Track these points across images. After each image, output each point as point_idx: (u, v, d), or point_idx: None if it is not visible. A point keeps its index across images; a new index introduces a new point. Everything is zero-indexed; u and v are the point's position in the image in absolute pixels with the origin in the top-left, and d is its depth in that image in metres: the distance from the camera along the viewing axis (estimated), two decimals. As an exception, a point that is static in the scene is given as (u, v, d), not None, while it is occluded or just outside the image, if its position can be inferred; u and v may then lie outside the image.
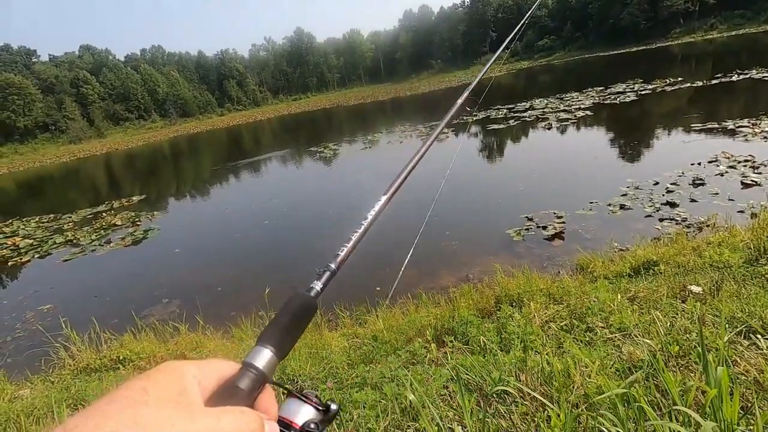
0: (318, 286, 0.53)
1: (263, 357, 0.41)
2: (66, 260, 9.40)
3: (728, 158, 7.74)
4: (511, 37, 1.96)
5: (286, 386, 0.45)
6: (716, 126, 10.20)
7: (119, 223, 11.87)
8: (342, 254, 0.58)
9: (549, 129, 14.06)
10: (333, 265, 0.56)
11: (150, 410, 0.30)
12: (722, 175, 7.09)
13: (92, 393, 3.26)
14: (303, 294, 0.50)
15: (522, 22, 2.13)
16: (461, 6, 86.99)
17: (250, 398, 0.38)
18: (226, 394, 0.37)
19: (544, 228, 6.38)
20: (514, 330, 2.78)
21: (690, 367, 1.99)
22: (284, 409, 0.44)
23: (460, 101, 1.30)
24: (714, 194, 6.39)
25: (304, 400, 0.44)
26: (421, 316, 3.70)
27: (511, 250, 5.99)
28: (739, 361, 1.91)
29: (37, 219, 14.32)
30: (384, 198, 0.69)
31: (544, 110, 17.33)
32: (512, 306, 3.34)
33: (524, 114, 17.43)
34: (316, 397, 0.45)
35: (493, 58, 1.77)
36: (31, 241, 11.38)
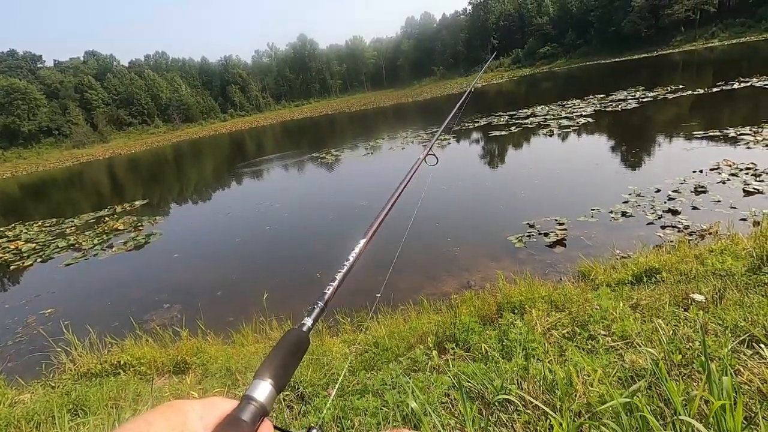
0: (309, 322, 0.56)
1: (263, 390, 0.43)
2: (68, 264, 9.42)
3: (730, 166, 7.73)
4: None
5: (290, 430, 0.47)
6: (718, 134, 10.21)
7: (121, 227, 11.90)
8: (329, 293, 0.63)
9: (550, 136, 14.09)
10: (321, 303, 0.60)
11: None
12: (724, 182, 7.08)
13: (93, 398, 3.25)
14: (296, 330, 0.53)
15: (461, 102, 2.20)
16: (463, 13, 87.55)
17: (251, 429, 0.40)
18: (228, 426, 0.39)
19: (546, 234, 6.37)
20: (515, 337, 2.77)
21: (693, 376, 1.98)
22: None
23: (422, 157, 1.49)
24: (716, 202, 6.38)
25: None
26: (423, 323, 3.70)
27: (512, 257, 5.98)
28: (742, 370, 1.90)
29: (39, 223, 14.37)
30: (363, 241, 0.77)
31: (546, 117, 17.37)
32: (514, 313, 3.33)
33: (526, 121, 17.47)
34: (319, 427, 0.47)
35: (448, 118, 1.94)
36: (33, 245, 11.41)
